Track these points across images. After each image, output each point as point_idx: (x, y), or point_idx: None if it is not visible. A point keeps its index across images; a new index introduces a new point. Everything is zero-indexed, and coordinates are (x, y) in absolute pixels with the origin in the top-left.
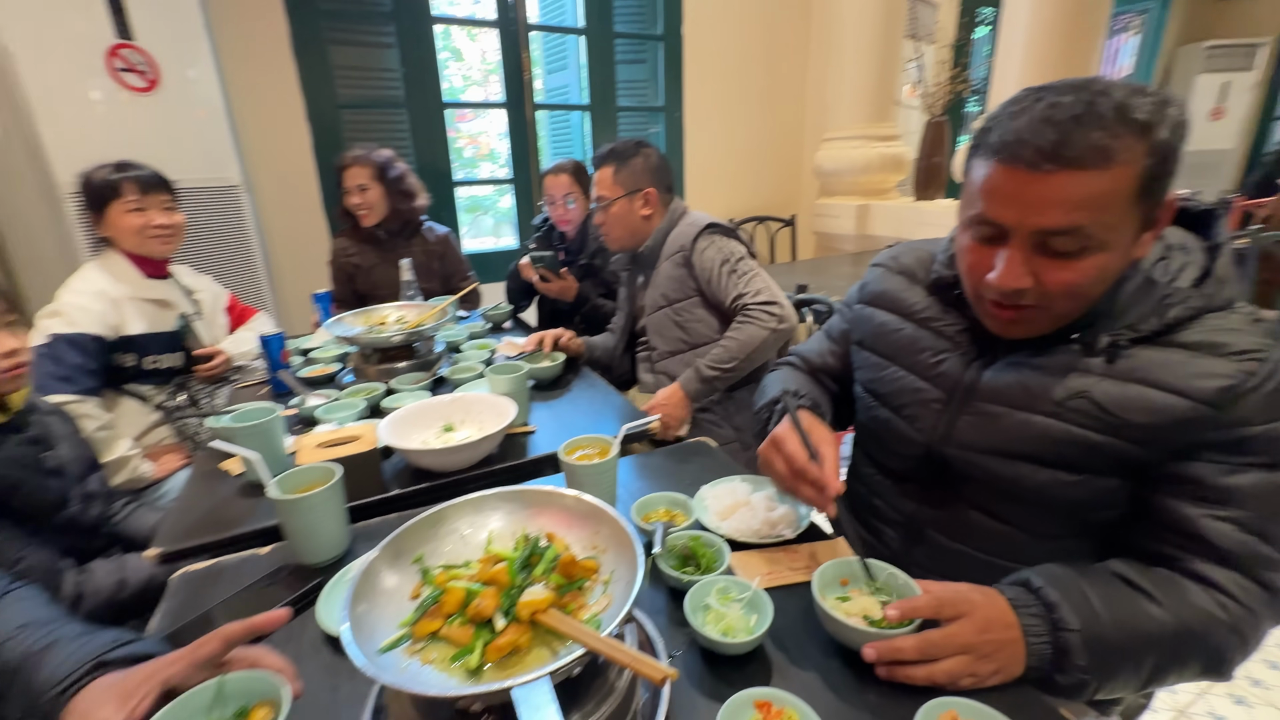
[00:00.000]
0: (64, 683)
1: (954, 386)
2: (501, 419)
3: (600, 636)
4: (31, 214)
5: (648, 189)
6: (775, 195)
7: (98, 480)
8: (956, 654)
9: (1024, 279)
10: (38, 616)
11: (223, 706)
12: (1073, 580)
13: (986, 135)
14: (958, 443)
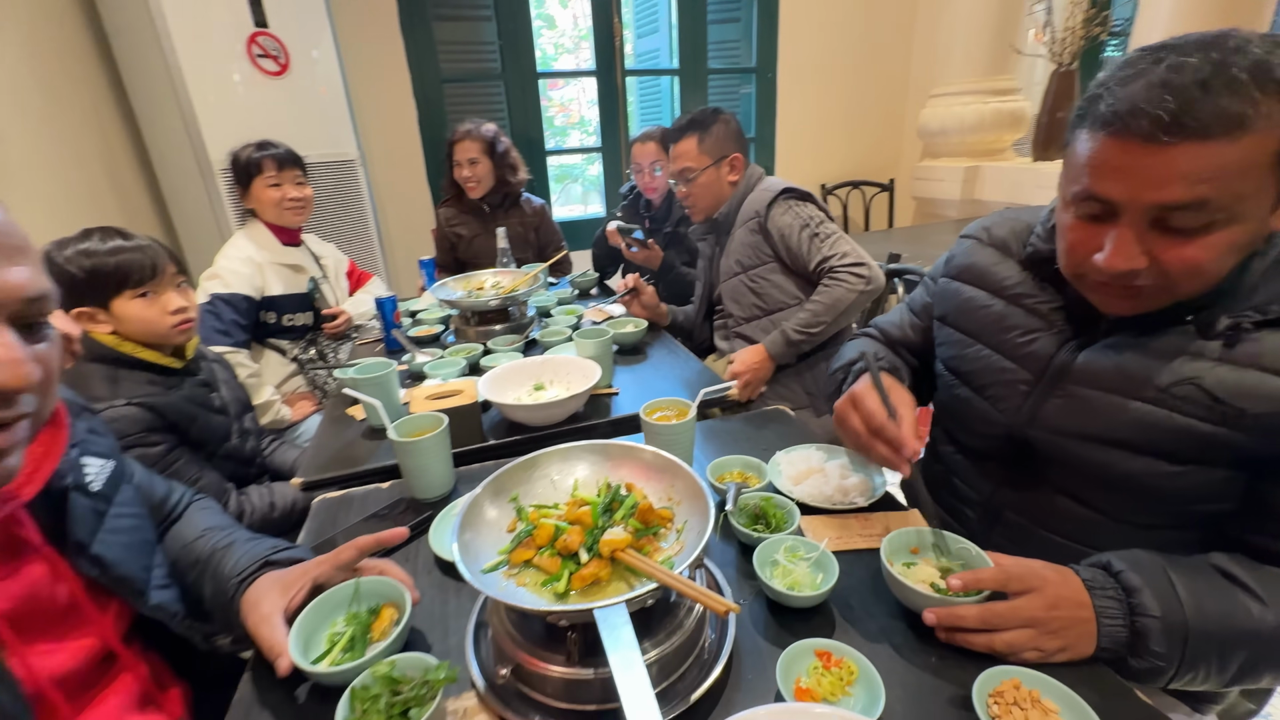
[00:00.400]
0: (243, 574)
1: (1043, 368)
2: (587, 380)
3: (671, 573)
4: (190, 187)
5: (734, 154)
6: (873, 158)
7: (251, 419)
8: (1020, 627)
9: (1137, 259)
10: (218, 522)
11: (358, 603)
12: (1159, 567)
13: (1095, 104)
14: (1043, 426)
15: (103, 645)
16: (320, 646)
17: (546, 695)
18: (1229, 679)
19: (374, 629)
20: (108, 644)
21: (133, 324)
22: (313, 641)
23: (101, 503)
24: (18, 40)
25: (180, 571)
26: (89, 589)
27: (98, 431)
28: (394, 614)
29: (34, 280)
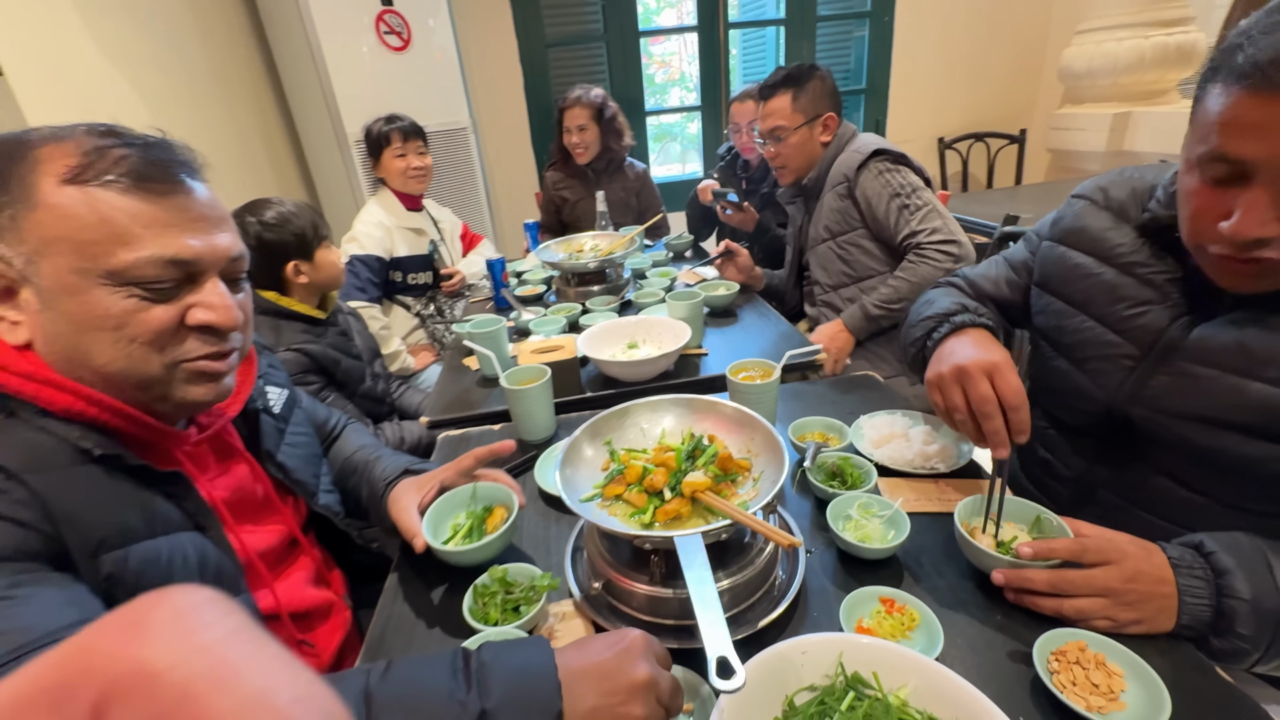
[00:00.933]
0: (389, 479)
1: (1152, 342)
2: (677, 340)
3: (744, 512)
4: (329, 158)
5: (828, 113)
6: (1001, 107)
7: (380, 364)
8: (1092, 595)
9: (1270, 226)
10: (369, 441)
11: (475, 503)
12: (1259, 552)
13: (1231, 55)
14: (1147, 404)
15: (288, 532)
16: (446, 534)
17: (631, 608)
18: None
19: (488, 524)
20: (292, 531)
21: (326, 270)
22: (439, 530)
23: (281, 422)
24: (196, 30)
25: (343, 477)
26: (276, 488)
27: (275, 366)
28: (504, 513)
29: (235, 243)
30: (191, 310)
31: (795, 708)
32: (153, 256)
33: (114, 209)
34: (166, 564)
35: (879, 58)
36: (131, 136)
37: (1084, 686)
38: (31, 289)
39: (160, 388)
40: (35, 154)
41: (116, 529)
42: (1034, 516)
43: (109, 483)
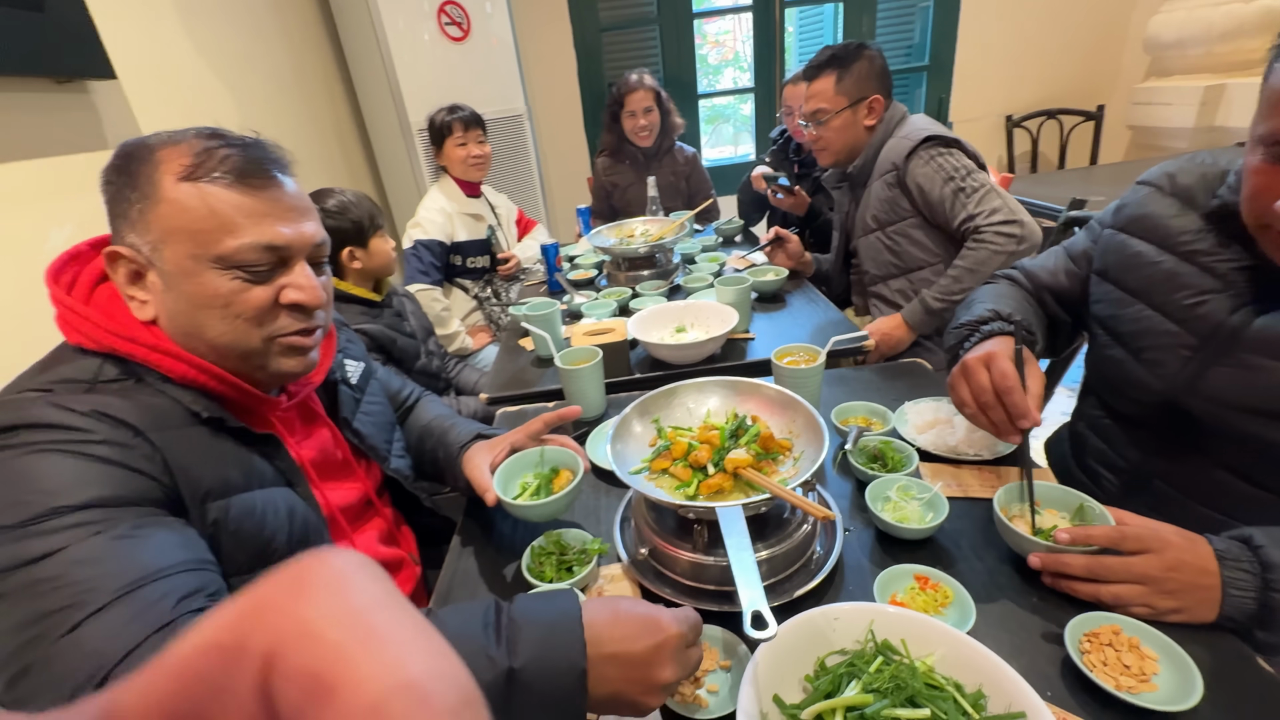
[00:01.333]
0: (463, 442)
1: (1212, 332)
2: (725, 324)
3: (783, 488)
4: (394, 147)
5: (874, 96)
6: (1076, 82)
7: (434, 342)
8: (1130, 582)
9: None
10: (444, 411)
11: (542, 465)
12: None
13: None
14: (1206, 395)
15: (364, 492)
16: (515, 491)
17: (676, 573)
18: None
19: (554, 484)
20: (367, 493)
21: (379, 257)
22: (509, 488)
23: (357, 392)
24: (277, 30)
25: (420, 441)
26: (353, 452)
27: (353, 341)
28: (569, 476)
29: (319, 231)
30: (284, 290)
31: (826, 668)
32: (253, 243)
33: (221, 202)
34: (261, 514)
35: (944, 32)
36: (233, 138)
37: (1115, 667)
38: (156, 272)
39: (259, 359)
40: (156, 156)
41: (220, 481)
42: (1077, 505)
43: (214, 441)
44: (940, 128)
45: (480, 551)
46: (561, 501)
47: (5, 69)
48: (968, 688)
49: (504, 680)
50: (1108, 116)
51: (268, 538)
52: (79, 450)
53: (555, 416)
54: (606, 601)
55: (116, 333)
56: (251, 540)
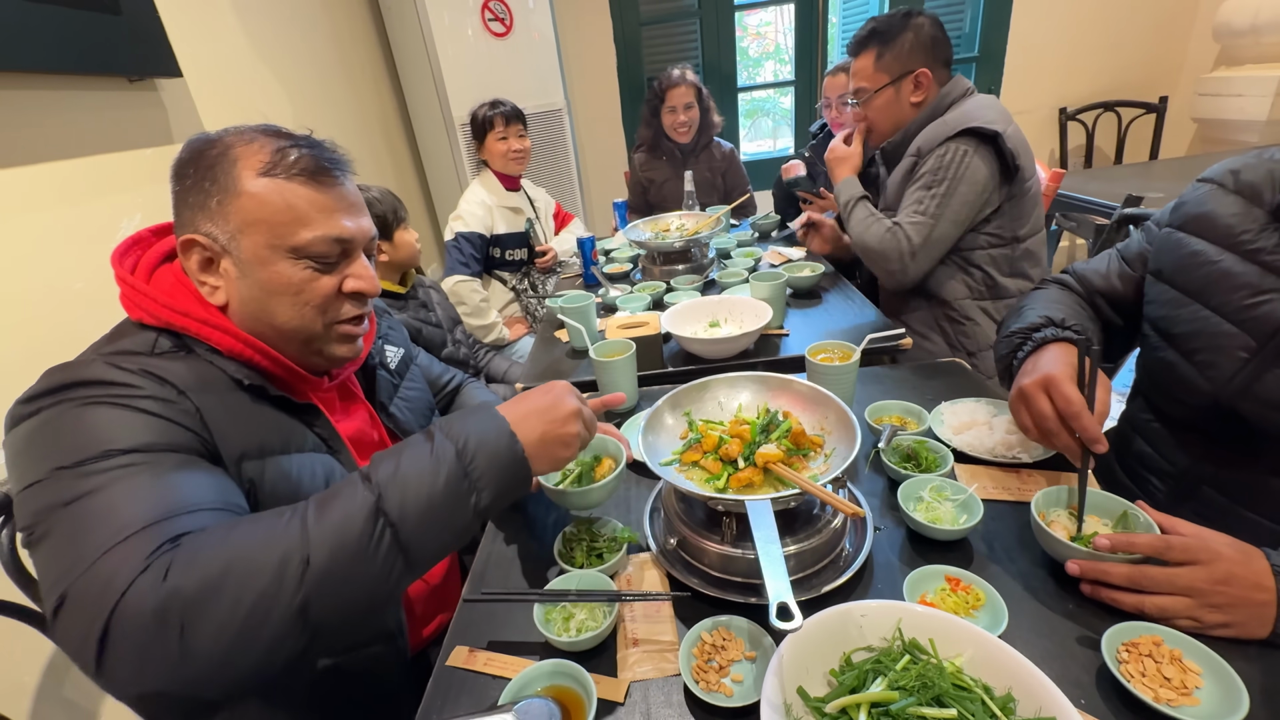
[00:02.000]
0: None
1: (1272, 334)
2: (758, 320)
3: (812, 483)
4: (437, 142)
5: (920, 70)
6: (1138, 71)
7: (461, 331)
8: (1175, 594)
9: None
10: (490, 397)
11: (587, 451)
12: None
13: None
14: (1260, 398)
15: None
16: (556, 478)
17: (703, 564)
18: None
19: (596, 473)
20: None
21: (403, 250)
22: (552, 475)
23: (396, 377)
24: (327, 28)
25: None
26: (389, 434)
27: (394, 328)
28: (612, 464)
29: (372, 226)
30: (347, 279)
31: (852, 664)
32: (324, 235)
33: (297, 196)
34: (296, 478)
35: (996, 20)
36: (299, 137)
37: (1154, 679)
38: (231, 260)
39: (319, 343)
40: (234, 152)
41: (256, 444)
42: (1120, 512)
43: (254, 407)
44: (993, 117)
45: (514, 536)
46: (602, 490)
47: (86, 68)
48: (997, 690)
49: (454, 456)
50: (1171, 108)
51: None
52: (128, 403)
53: (600, 403)
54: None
55: (173, 308)
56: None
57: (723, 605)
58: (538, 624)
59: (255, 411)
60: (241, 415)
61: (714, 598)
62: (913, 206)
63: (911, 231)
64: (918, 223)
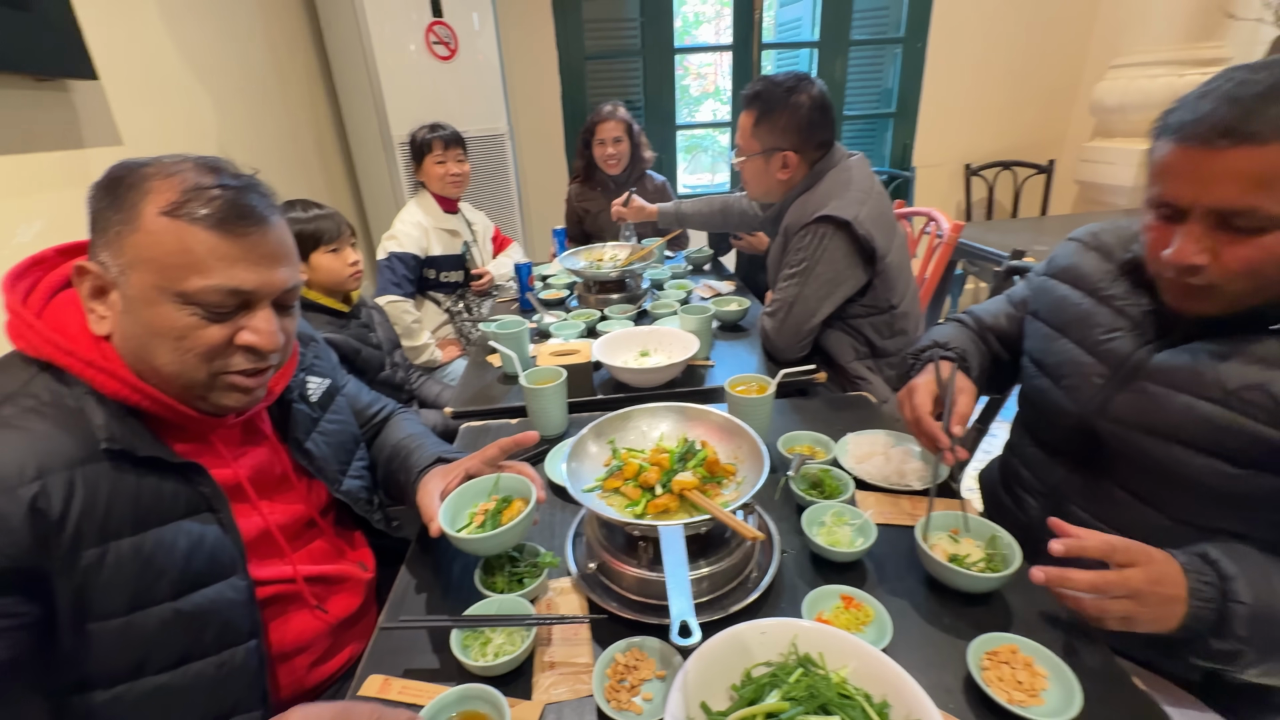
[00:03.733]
0: (423, 466)
1: (1120, 363)
2: (686, 351)
3: (722, 510)
4: (374, 160)
5: (786, 152)
6: (1031, 136)
7: (400, 355)
8: (1125, 597)
9: (1198, 255)
10: (416, 430)
11: (497, 491)
12: (1257, 560)
13: (1169, 116)
14: (1112, 417)
15: (306, 512)
16: (463, 521)
17: (621, 588)
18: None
19: (504, 515)
20: (310, 513)
21: (323, 273)
22: (458, 517)
23: (317, 410)
24: (262, 37)
25: (388, 462)
26: (295, 470)
27: (321, 357)
28: (522, 506)
29: (291, 276)
30: (241, 332)
31: (751, 678)
32: (217, 285)
33: (196, 241)
34: (147, 556)
35: (910, 82)
36: (229, 177)
37: (1009, 683)
38: (119, 293)
39: (201, 390)
40: (147, 184)
41: (96, 529)
42: (990, 535)
43: (113, 477)
44: (850, 199)
45: (436, 561)
46: (503, 537)
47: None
48: (875, 698)
49: None
50: (1058, 171)
51: (153, 578)
52: None
53: (512, 442)
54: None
55: (57, 344)
56: (130, 584)
57: (638, 627)
58: (455, 650)
59: (110, 484)
60: (90, 493)
61: (630, 620)
62: (775, 293)
63: (767, 321)
64: (773, 310)
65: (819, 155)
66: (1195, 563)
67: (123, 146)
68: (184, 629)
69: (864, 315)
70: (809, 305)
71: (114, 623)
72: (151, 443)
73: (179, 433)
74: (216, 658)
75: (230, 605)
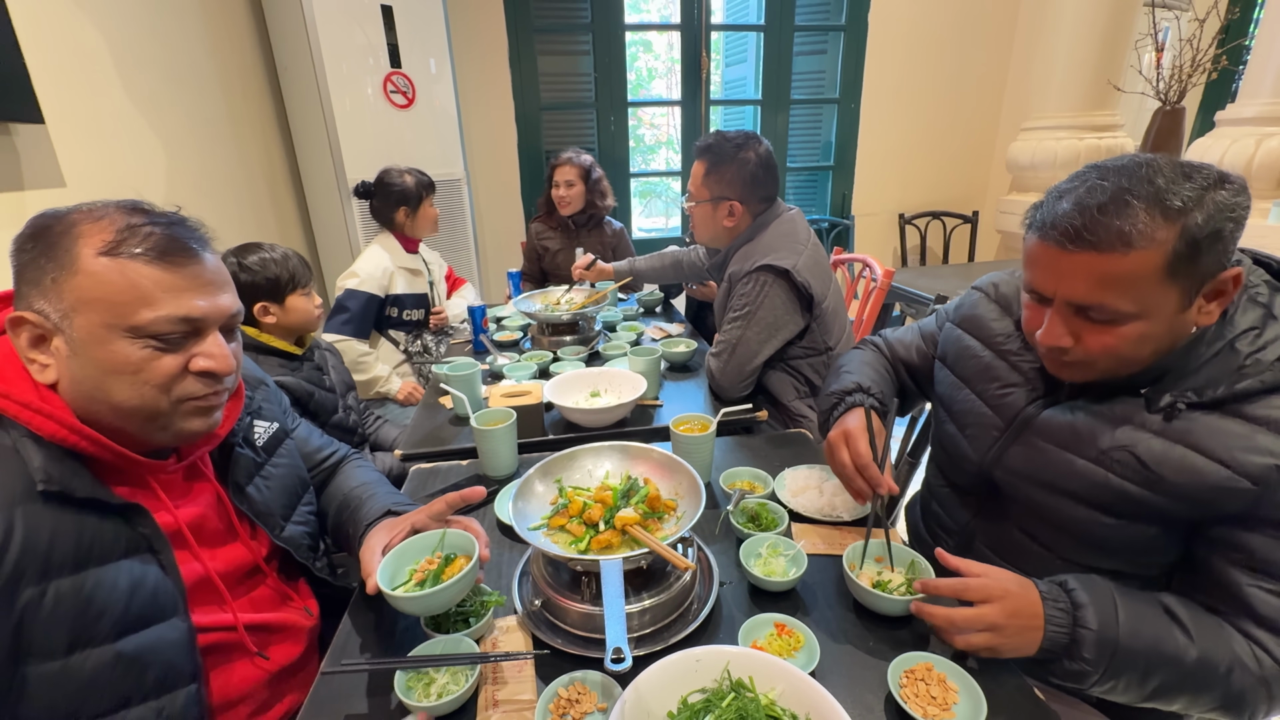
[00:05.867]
0: (372, 520)
1: (1013, 417)
2: (635, 391)
3: (660, 544)
4: (329, 203)
5: (732, 201)
6: (957, 189)
7: (353, 397)
8: (985, 630)
9: (1064, 339)
10: (369, 479)
11: (442, 548)
12: (1108, 592)
13: (1036, 211)
14: (1005, 468)
15: (250, 558)
16: (403, 577)
17: (566, 623)
18: (1146, 695)
19: (445, 573)
20: (254, 559)
21: (296, 314)
22: (398, 573)
23: (262, 455)
24: (214, 75)
25: (338, 512)
26: (238, 517)
27: (270, 400)
28: (466, 561)
29: (234, 302)
30: (195, 359)
31: (687, 704)
32: (168, 315)
33: (141, 276)
34: (88, 595)
35: (846, 138)
36: (156, 215)
37: (924, 699)
38: (63, 338)
39: (164, 419)
40: (77, 229)
41: (38, 567)
42: (909, 560)
43: (51, 516)
44: (788, 248)
45: (379, 607)
46: (441, 595)
47: None
48: (800, 717)
49: None
50: (981, 221)
51: (94, 617)
52: None
53: (458, 498)
54: None
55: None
56: (70, 622)
57: (582, 662)
58: (399, 692)
59: (49, 523)
60: (29, 532)
61: (573, 655)
62: (720, 336)
63: (713, 362)
64: (718, 351)
65: (762, 208)
66: (1054, 591)
67: (65, 189)
68: (124, 671)
69: (803, 357)
70: (751, 347)
71: (52, 665)
72: (90, 484)
73: (119, 476)
74: (156, 702)
75: (171, 646)
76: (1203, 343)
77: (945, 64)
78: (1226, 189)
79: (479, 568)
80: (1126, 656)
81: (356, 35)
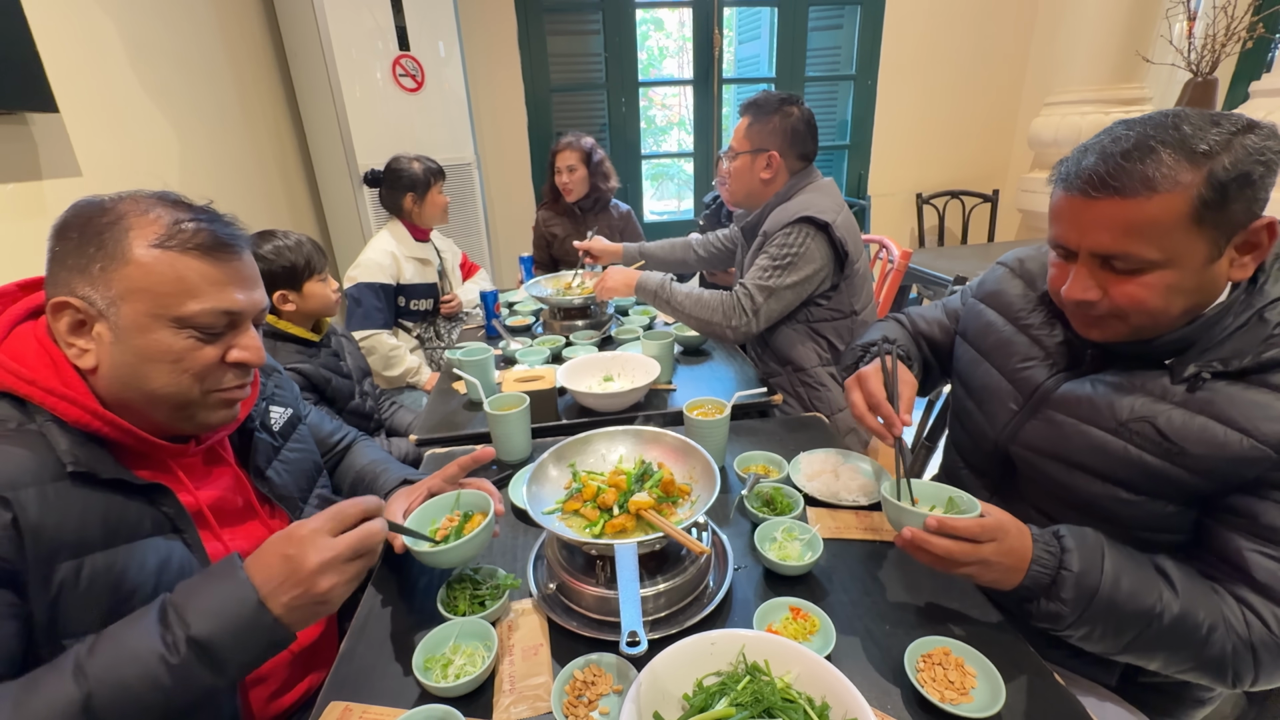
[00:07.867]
0: (388, 489)
1: (1032, 391)
2: (648, 376)
3: (674, 527)
4: (340, 189)
5: (772, 151)
6: (976, 168)
7: (369, 383)
8: (974, 563)
9: (1091, 291)
10: (379, 456)
11: (459, 507)
12: (1098, 541)
13: (1061, 166)
14: (1022, 443)
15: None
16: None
17: (581, 606)
18: (1122, 647)
19: (465, 529)
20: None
21: (314, 300)
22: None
23: (279, 439)
24: (225, 62)
25: (353, 489)
26: (258, 499)
27: (282, 387)
28: (482, 518)
29: (264, 297)
30: (232, 350)
31: (702, 687)
32: (214, 308)
33: (189, 269)
34: (120, 570)
35: (863, 117)
36: (199, 210)
37: (941, 683)
38: (106, 325)
39: (192, 409)
40: (126, 221)
41: (73, 541)
42: (947, 497)
43: (79, 496)
44: (827, 206)
45: (398, 585)
46: (464, 549)
47: None
48: (816, 701)
49: (191, 651)
50: (1002, 200)
51: (126, 594)
52: None
53: (470, 459)
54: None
55: (19, 374)
56: (104, 598)
57: (597, 644)
58: (416, 672)
59: (80, 501)
60: (61, 508)
61: (589, 637)
62: (756, 272)
63: (754, 289)
64: (760, 282)
65: (800, 166)
66: (1045, 535)
67: (81, 178)
68: None
69: (828, 319)
70: (786, 298)
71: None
72: (114, 467)
73: (141, 460)
74: None
75: None
76: (1230, 313)
77: (965, 37)
78: (1256, 133)
79: (495, 521)
80: (1105, 604)
81: (365, 18)
